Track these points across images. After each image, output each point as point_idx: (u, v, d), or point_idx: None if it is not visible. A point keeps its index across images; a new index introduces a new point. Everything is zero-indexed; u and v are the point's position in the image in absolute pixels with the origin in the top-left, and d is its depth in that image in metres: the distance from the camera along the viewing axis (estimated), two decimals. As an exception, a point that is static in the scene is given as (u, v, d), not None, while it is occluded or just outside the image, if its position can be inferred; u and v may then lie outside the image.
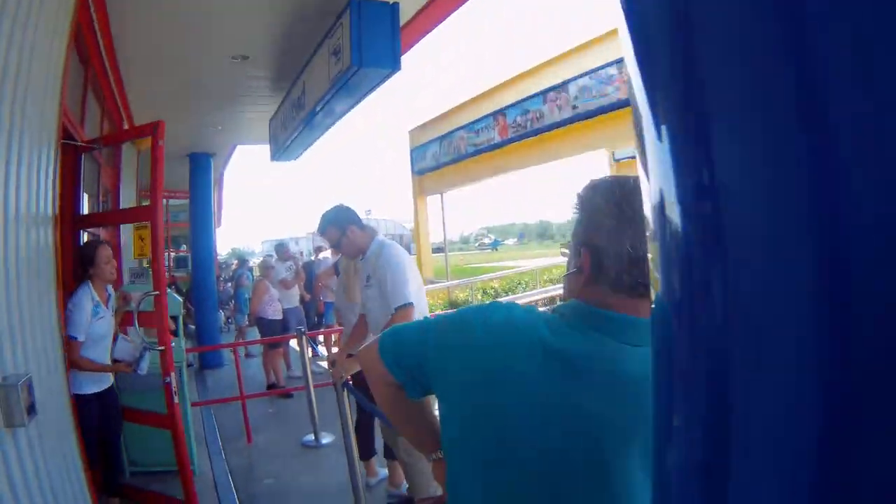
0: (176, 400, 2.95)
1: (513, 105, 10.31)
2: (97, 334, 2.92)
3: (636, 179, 0.74)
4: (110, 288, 3.12)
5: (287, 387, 6.12)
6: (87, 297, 2.90)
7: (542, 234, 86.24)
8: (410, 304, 2.65)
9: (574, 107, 8.93)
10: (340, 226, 2.93)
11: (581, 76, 8.85)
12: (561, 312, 0.89)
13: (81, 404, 2.71)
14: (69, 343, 2.68)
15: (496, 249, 54.13)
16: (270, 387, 6.10)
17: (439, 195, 13.23)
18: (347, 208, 3.03)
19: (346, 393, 2.93)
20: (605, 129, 8.58)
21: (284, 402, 5.79)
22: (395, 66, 3.44)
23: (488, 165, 11.29)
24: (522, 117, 10.02)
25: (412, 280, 2.75)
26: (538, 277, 10.71)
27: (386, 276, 2.72)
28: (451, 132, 12.20)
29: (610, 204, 0.85)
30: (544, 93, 9.53)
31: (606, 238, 0.84)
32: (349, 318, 3.64)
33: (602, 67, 8.48)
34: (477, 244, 62.25)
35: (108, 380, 3.03)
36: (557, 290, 8.27)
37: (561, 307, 0.91)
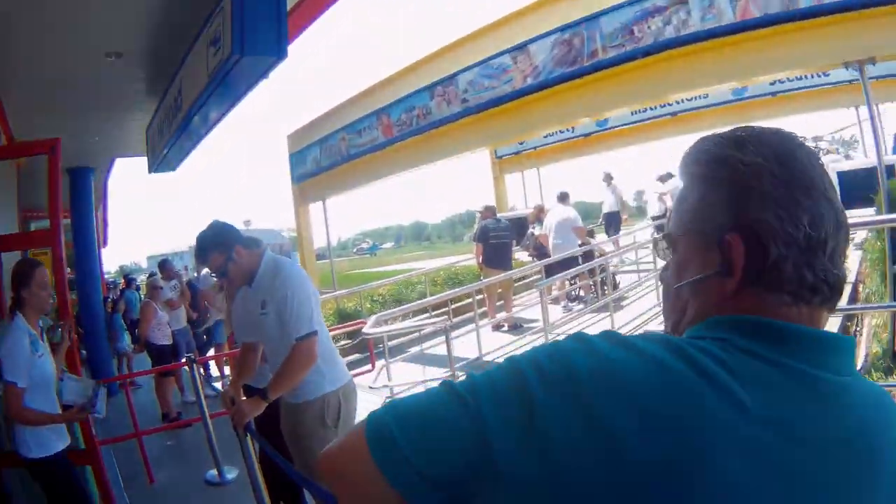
0: (94, 433, 2.89)
1: (397, 102, 10.29)
2: (42, 377, 2.54)
3: (791, 132, 0.65)
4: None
5: (182, 413, 6.12)
6: (22, 331, 2.52)
7: (418, 235, 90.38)
8: (314, 333, 2.50)
9: (464, 100, 9.05)
10: (225, 249, 2.60)
11: (470, 67, 8.89)
12: (721, 337, 0.59)
13: (56, 467, 2.50)
14: (9, 391, 2.38)
15: (375, 254, 54.74)
16: (165, 416, 6.09)
17: (322, 202, 13.11)
18: (227, 225, 2.71)
19: (248, 437, 2.63)
20: (491, 123, 8.86)
21: (182, 432, 5.73)
22: (280, 53, 3.29)
23: (372, 168, 11.32)
24: (408, 114, 10.10)
25: (314, 302, 2.60)
26: (427, 280, 10.97)
27: (286, 300, 2.51)
28: (332, 134, 12.11)
29: (771, 161, 0.61)
30: (431, 87, 9.58)
31: (773, 214, 0.59)
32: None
33: (493, 57, 8.53)
34: (355, 249, 62.14)
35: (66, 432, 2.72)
36: (450, 294, 8.27)
37: (705, 328, 0.62)
